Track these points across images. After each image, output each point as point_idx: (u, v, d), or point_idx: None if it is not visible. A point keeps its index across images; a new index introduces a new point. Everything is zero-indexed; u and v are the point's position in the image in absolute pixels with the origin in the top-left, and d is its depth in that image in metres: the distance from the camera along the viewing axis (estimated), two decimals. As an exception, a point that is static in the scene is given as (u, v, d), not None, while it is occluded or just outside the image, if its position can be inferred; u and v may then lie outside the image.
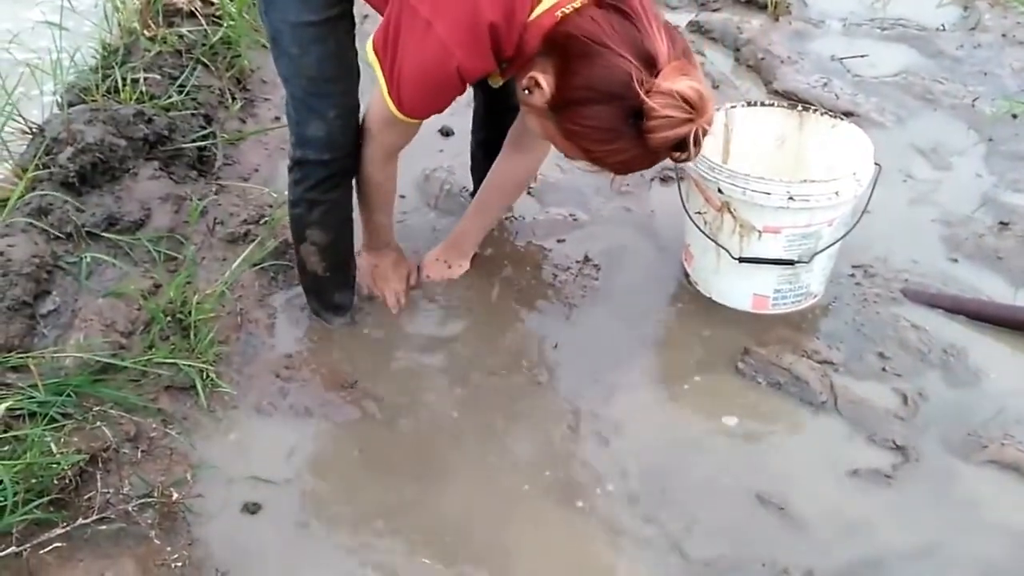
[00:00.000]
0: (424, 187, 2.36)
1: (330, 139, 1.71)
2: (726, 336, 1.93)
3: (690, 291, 2.05)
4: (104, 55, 2.46)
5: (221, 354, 1.80)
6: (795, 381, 1.81)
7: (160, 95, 2.32)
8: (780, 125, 2.08)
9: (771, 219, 1.85)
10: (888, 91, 2.74)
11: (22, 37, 2.67)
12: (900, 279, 2.06)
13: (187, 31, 2.58)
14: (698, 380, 1.84)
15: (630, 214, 2.28)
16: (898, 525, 1.56)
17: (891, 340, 1.91)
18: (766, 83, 2.82)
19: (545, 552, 1.52)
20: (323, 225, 1.84)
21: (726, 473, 1.65)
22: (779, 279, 1.94)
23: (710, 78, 2.81)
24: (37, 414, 1.55)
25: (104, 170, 2.04)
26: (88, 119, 2.10)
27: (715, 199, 1.89)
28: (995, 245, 2.15)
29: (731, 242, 1.91)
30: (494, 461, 1.67)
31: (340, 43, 1.67)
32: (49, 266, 1.81)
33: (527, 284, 2.07)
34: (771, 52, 2.91)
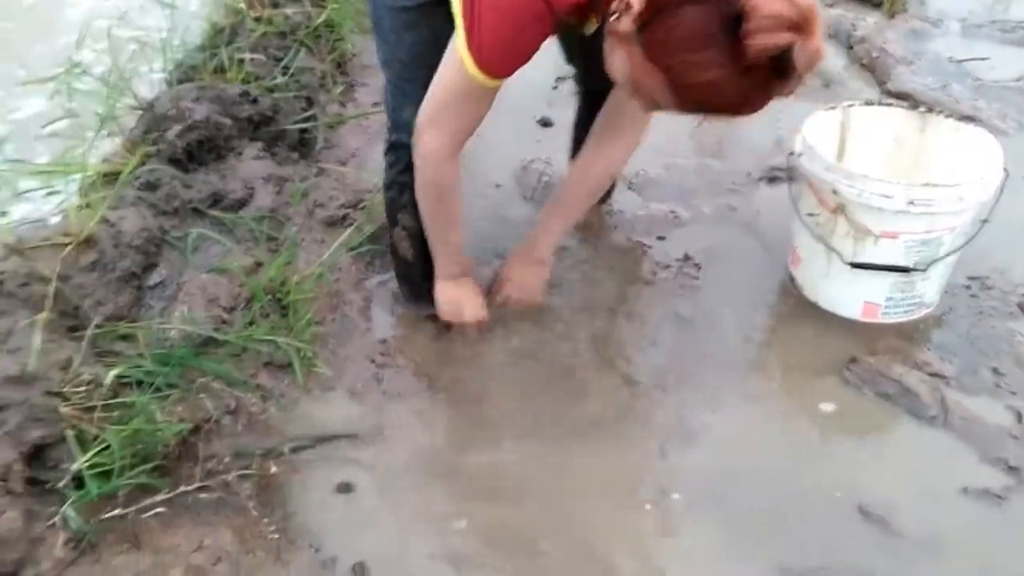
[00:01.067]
0: (522, 177, 2.37)
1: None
2: (832, 343, 1.89)
3: (795, 295, 2.01)
4: (212, 34, 2.54)
5: (317, 334, 1.84)
6: (904, 393, 1.77)
7: (264, 76, 2.39)
8: (899, 126, 2.02)
9: (889, 223, 1.80)
10: (1010, 96, 2.66)
11: (130, 15, 2.78)
12: (1018, 293, 2.00)
13: (291, 12, 2.65)
14: (801, 387, 1.81)
15: (734, 213, 2.25)
16: (1008, 548, 1.50)
17: (1006, 355, 1.85)
18: (880, 83, 2.76)
19: (636, 552, 1.51)
20: (414, 210, 1.84)
21: (827, 483, 1.61)
22: (892, 287, 1.88)
23: (822, 76, 2.76)
24: (143, 383, 1.60)
25: (210, 148, 2.11)
26: (196, 97, 2.16)
27: (829, 200, 1.84)
28: None
29: (844, 246, 1.86)
30: (585, 458, 1.66)
31: (435, 29, 1.61)
32: (157, 240, 1.87)
33: (625, 281, 2.06)
34: (886, 51, 2.85)
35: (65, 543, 1.38)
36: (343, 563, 1.46)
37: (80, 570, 1.37)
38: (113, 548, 1.40)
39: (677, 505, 1.58)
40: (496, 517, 1.55)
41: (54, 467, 1.47)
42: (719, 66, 1.21)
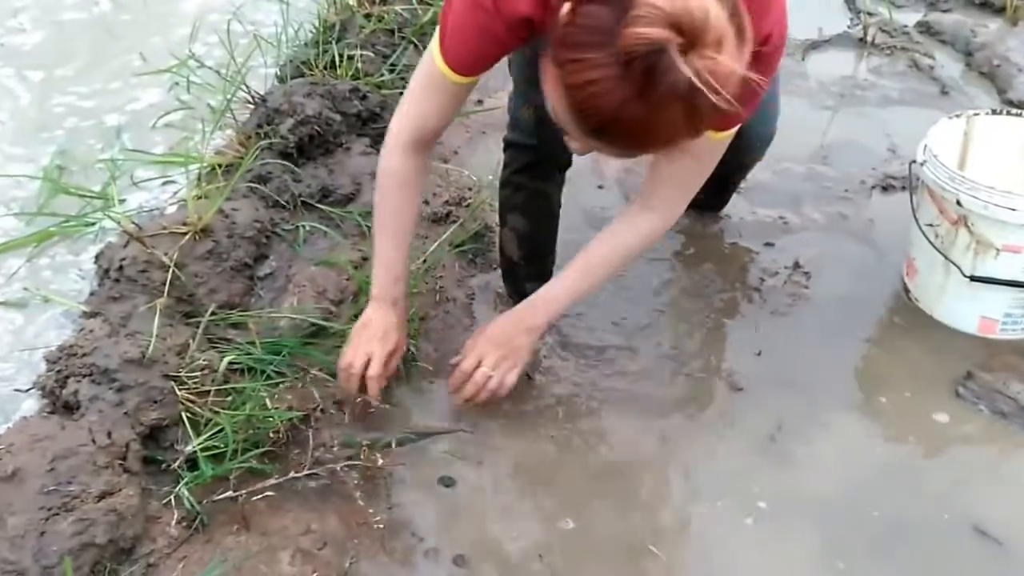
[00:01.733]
0: (624, 179, 2.34)
1: (529, 129, 1.72)
2: (946, 358, 1.83)
3: (909, 307, 1.95)
4: (322, 30, 2.59)
5: (421, 329, 1.86)
6: (1021, 411, 1.71)
7: (373, 72, 2.43)
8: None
9: (1012, 237, 1.73)
10: None
11: (244, 10, 2.86)
12: None
13: (400, 9, 2.68)
14: (913, 402, 1.75)
15: (846, 221, 2.20)
16: None
17: None
18: (1000, 92, 2.67)
19: (736, 562, 1.49)
20: (524, 211, 1.86)
21: (937, 502, 1.57)
22: (1012, 302, 1.81)
23: (939, 82, 2.68)
24: (255, 370, 1.65)
25: (320, 143, 2.15)
26: (307, 92, 2.21)
27: (951, 211, 1.78)
28: None
29: (964, 259, 1.80)
30: (683, 463, 1.64)
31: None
32: (268, 232, 1.92)
33: (731, 287, 2.03)
34: (1008, 59, 2.75)
35: (178, 522, 1.43)
36: (444, 554, 1.48)
37: (192, 548, 1.42)
38: (224, 529, 1.45)
39: (780, 518, 1.55)
40: (601, 518, 1.54)
41: (169, 448, 1.53)
42: (601, 66, 1.06)
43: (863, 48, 2.91)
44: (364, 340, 1.60)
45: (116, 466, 1.44)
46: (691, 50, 1.01)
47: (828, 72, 2.82)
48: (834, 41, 2.97)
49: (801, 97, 2.70)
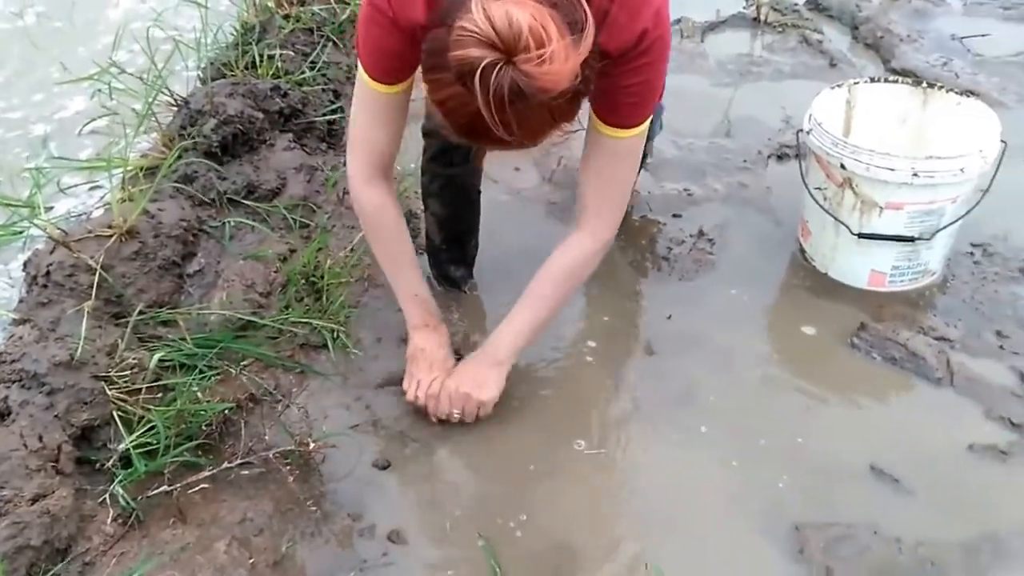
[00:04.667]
0: (541, 162, 2.30)
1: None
2: (841, 311, 1.82)
3: (806, 267, 1.94)
4: (242, 32, 2.47)
5: (351, 316, 1.79)
6: (911, 357, 1.70)
7: (293, 71, 2.32)
8: (903, 102, 1.93)
9: (894, 195, 1.72)
10: (1011, 71, 2.56)
11: (165, 16, 2.72)
12: (1020, 258, 1.92)
13: (318, 9, 2.57)
14: (812, 354, 1.74)
15: (745, 190, 2.18)
16: (1013, 501, 1.45)
17: (1009, 319, 1.78)
18: (884, 61, 2.67)
19: (658, 503, 1.46)
20: (441, 198, 1.81)
21: (839, 443, 1.56)
22: (898, 256, 1.81)
23: (828, 55, 2.67)
24: (186, 365, 1.56)
25: (244, 141, 2.05)
26: (229, 92, 2.10)
27: (837, 174, 1.76)
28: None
29: (851, 218, 1.79)
30: (609, 424, 1.61)
31: None
32: (195, 229, 1.82)
33: (642, 257, 2.00)
34: (890, 30, 2.76)
35: (114, 519, 1.34)
36: (380, 530, 1.42)
37: (128, 544, 1.33)
38: (160, 523, 1.36)
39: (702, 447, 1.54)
40: (532, 491, 1.49)
41: (103, 447, 1.44)
42: (448, 84, 1.10)
43: (757, 27, 2.90)
44: (422, 370, 1.58)
45: (49, 468, 1.35)
46: (511, 60, 1.03)
47: (725, 51, 2.80)
48: (730, 21, 2.96)
49: (702, 76, 2.68)
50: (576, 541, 1.40)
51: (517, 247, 1.98)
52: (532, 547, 1.39)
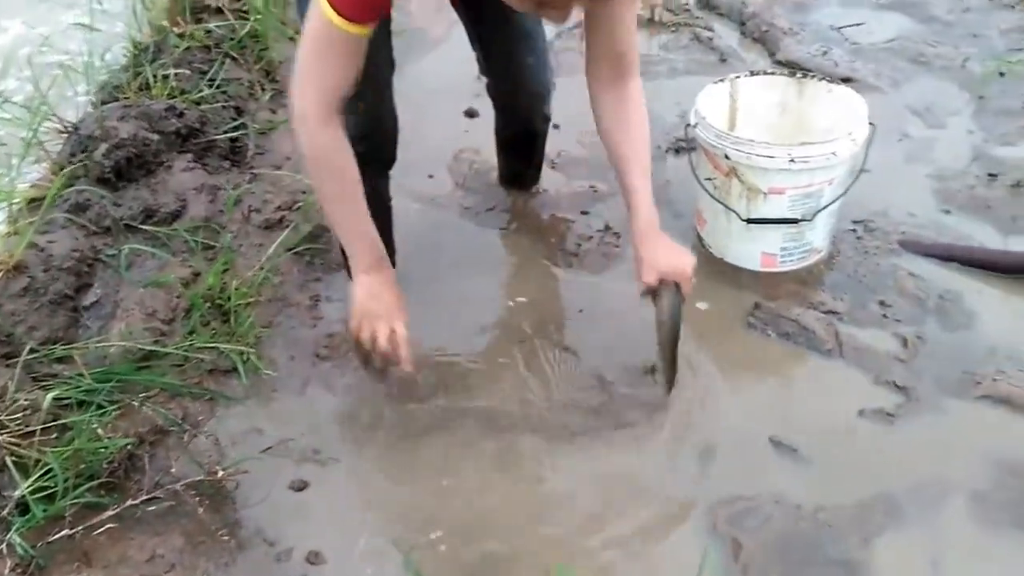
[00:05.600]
0: (453, 167, 2.23)
1: (359, 132, 1.52)
2: (738, 293, 1.81)
3: (704, 253, 1.93)
4: (135, 53, 2.33)
5: (262, 337, 1.69)
6: (802, 331, 1.71)
7: (191, 90, 2.19)
8: (781, 92, 1.93)
9: (775, 181, 1.72)
10: (884, 56, 2.59)
11: (54, 40, 2.55)
12: (898, 232, 1.94)
13: (215, 26, 2.44)
14: (712, 334, 1.73)
15: (648, 183, 2.15)
16: (902, 460, 1.47)
17: (891, 289, 1.80)
18: (771, 54, 2.68)
19: (574, 500, 1.42)
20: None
21: (739, 419, 1.55)
22: (785, 237, 1.81)
23: (718, 51, 2.67)
24: (84, 402, 1.44)
25: (139, 164, 1.92)
26: (121, 116, 1.97)
27: (722, 165, 1.75)
28: (985, 196, 2.03)
29: (739, 205, 1.78)
30: (523, 420, 1.56)
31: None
32: (90, 260, 1.70)
33: (553, 254, 1.96)
34: (774, 24, 2.76)
35: (12, 569, 1.23)
36: (298, 553, 1.33)
37: (31, 594, 1.22)
38: (63, 568, 1.25)
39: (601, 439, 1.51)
40: (452, 503, 1.42)
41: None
42: None
43: (652, 27, 2.86)
44: (379, 315, 1.46)
45: (-62, 523, 1.23)
46: None
47: None
48: None
49: (599, 73, 2.64)
50: (499, 550, 1.35)
51: (434, 252, 1.92)
52: (456, 558, 1.33)
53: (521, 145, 2.06)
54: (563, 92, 1.99)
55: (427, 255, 1.91)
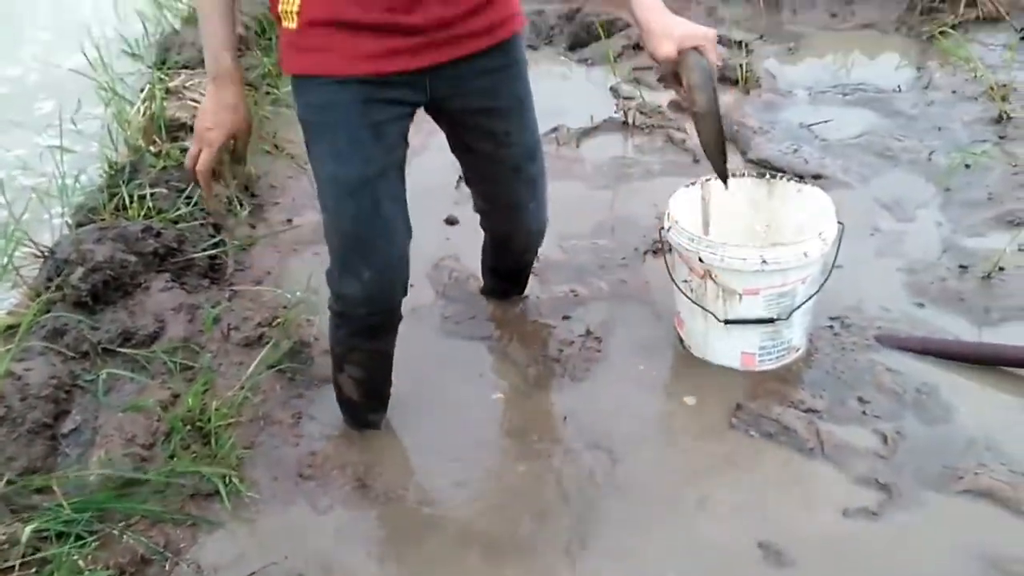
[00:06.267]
0: (433, 276, 2.35)
1: (367, 297, 1.58)
2: (720, 394, 1.91)
3: (685, 355, 2.04)
4: (111, 174, 2.48)
5: (244, 458, 1.77)
6: (784, 431, 1.81)
7: (168, 208, 2.33)
8: (751, 193, 2.09)
9: (749, 282, 1.86)
10: (852, 152, 2.78)
11: (31, 163, 2.71)
12: (874, 326, 2.06)
13: (191, 144, 2.59)
14: (695, 435, 1.83)
15: (625, 286, 2.28)
16: (886, 558, 1.55)
17: (869, 385, 1.91)
18: (742, 153, 2.85)
19: None
20: (361, 366, 1.74)
21: (728, 523, 1.63)
22: (762, 337, 1.93)
23: (691, 152, 2.85)
24: (64, 534, 1.51)
25: (116, 286, 2.04)
26: (97, 238, 2.10)
27: (697, 267, 1.89)
28: (957, 288, 2.17)
29: (716, 306, 1.91)
30: (511, 538, 1.63)
31: (378, 200, 1.52)
32: (67, 386, 1.78)
33: (536, 360, 2.06)
34: (744, 124, 2.96)
35: None
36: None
37: None
38: None
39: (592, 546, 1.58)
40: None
41: (-26, 635, 1.37)
42: None
43: (627, 130, 3.06)
44: (203, 131, 1.52)
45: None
46: None
47: (600, 155, 2.93)
48: (602, 126, 3.09)
49: (579, 180, 2.79)
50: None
51: (416, 364, 2.00)
52: None
53: (512, 272, 2.19)
54: None
55: (410, 367, 1.98)
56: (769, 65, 3.40)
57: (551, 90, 3.11)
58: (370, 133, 1.50)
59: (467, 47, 1.51)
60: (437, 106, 1.60)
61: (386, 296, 1.61)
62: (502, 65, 1.59)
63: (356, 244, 1.55)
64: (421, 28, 1.44)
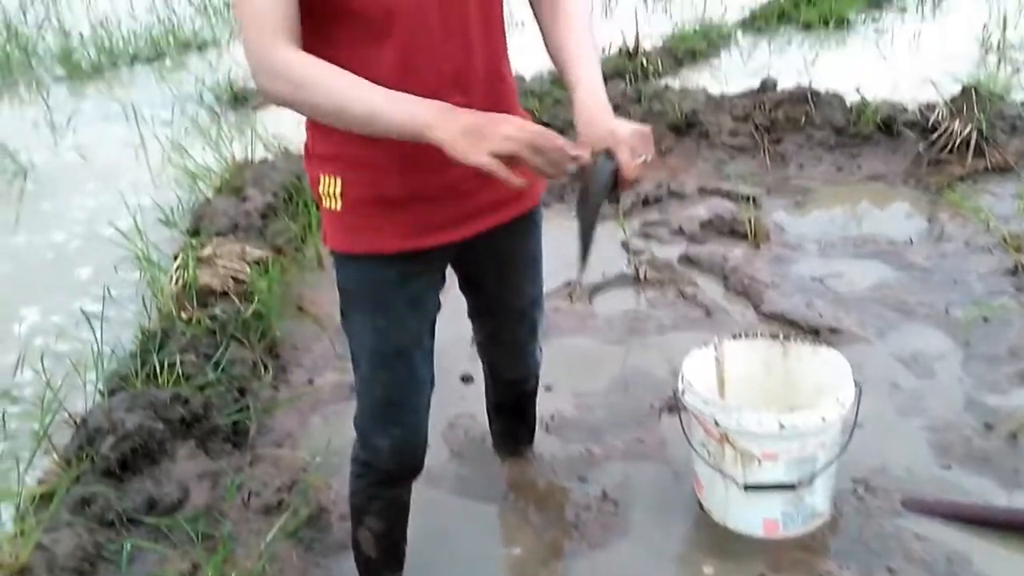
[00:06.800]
0: (448, 435, 2.40)
1: (394, 451, 1.66)
2: (742, 564, 1.91)
3: (705, 519, 2.05)
4: (143, 340, 2.61)
5: (257, 630, 1.79)
6: (812, 607, 1.79)
7: (196, 374, 2.44)
8: (765, 355, 2.16)
9: (767, 446, 1.89)
10: (867, 305, 2.83)
11: (69, 329, 2.87)
12: (899, 490, 2.06)
13: (220, 311, 2.74)
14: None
15: (642, 445, 2.32)
16: None
17: (897, 553, 1.90)
18: (755, 307, 2.91)
19: None
20: (380, 515, 1.79)
21: None
22: (785, 503, 1.94)
23: (703, 307, 2.92)
24: None
25: (144, 453, 2.12)
26: (128, 407, 2.20)
27: (714, 431, 1.94)
28: (983, 447, 2.18)
29: (735, 471, 1.94)
30: None
31: (413, 368, 1.62)
32: (92, 557, 1.84)
33: (552, 526, 2.07)
34: (756, 278, 3.03)
35: None
36: None
37: None
38: None
39: None
40: None
41: None
42: None
43: (639, 284, 3.15)
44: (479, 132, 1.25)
45: None
46: None
47: (613, 310, 3.01)
48: (614, 281, 3.20)
49: (592, 335, 2.88)
50: None
51: (430, 529, 2.01)
52: None
53: (516, 407, 2.24)
54: (556, 353, 2.20)
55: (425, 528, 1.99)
56: (778, 219, 3.54)
57: (563, 246, 3.21)
58: (409, 307, 1.59)
59: (502, 215, 1.61)
60: (459, 259, 1.69)
61: (413, 450, 1.69)
62: (525, 228, 1.72)
63: (389, 407, 1.64)
64: (460, 194, 1.51)
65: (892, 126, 3.86)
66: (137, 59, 6.66)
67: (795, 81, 4.22)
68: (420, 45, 1.38)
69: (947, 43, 5.20)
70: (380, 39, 1.36)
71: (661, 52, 5.26)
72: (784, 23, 6.00)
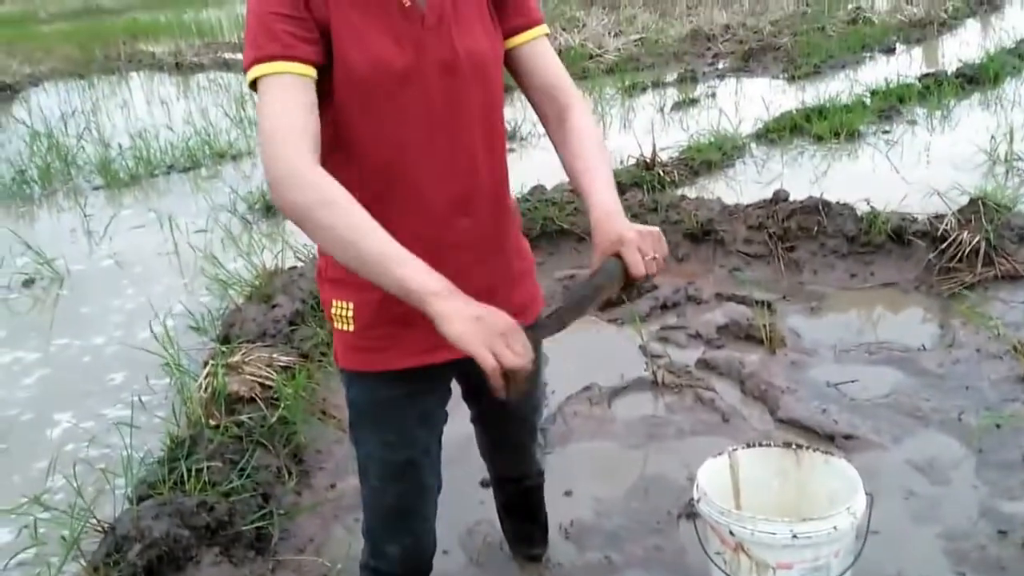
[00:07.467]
0: (467, 542, 2.43)
1: (405, 557, 1.72)
2: None
3: (723, 631, 2.06)
4: (171, 447, 2.70)
5: None
6: None
7: (221, 481, 2.51)
8: (779, 463, 2.20)
9: (781, 556, 1.92)
10: (881, 412, 2.87)
11: (100, 436, 2.97)
12: (918, 599, 2.08)
13: (246, 417, 2.83)
14: None
15: (661, 553, 2.33)
16: None
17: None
18: (771, 412, 2.96)
19: None
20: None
21: None
22: (803, 612, 1.96)
23: (720, 412, 2.96)
24: None
25: (170, 560, 2.18)
26: (155, 514, 2.27)
27: (729, 540, 1.98)
28: (998, 555, 2.18)
29: (751, 581, 1.97)
30: None
31: (422, 479, 1.68)
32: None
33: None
34: (772, 383, 3.08)
35: None
36: None
37: None
38: None
39: None
40: None
41: None
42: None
43: (657, 389, 3.21)
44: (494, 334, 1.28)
45: None
46: None
47: (631, 414, 3.06)
48: (632, 386, 3.25)
49: (611, 440, 2.92)
50: None
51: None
52: None
53: (524, 507, 2.27)
54: (576, 457, 2.23)
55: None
56: (793, 324, 3.60)
57: (583, 350, 3.35)
58: (418, 421, 1.66)
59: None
60: (462, 371, 1.72)
61: (422, 555, 1.74)
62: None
63: (399, 515, 1.70)
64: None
65: (903, 235, 3.96)
66: (174, 168, 6.98)
67: (807, 192, 4.36)
68: (426, 173, 1.51)
69: (955, 154, 5.35)
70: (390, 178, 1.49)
71: (677, 163, 5.45)
72: (796, 135, 6.20)
